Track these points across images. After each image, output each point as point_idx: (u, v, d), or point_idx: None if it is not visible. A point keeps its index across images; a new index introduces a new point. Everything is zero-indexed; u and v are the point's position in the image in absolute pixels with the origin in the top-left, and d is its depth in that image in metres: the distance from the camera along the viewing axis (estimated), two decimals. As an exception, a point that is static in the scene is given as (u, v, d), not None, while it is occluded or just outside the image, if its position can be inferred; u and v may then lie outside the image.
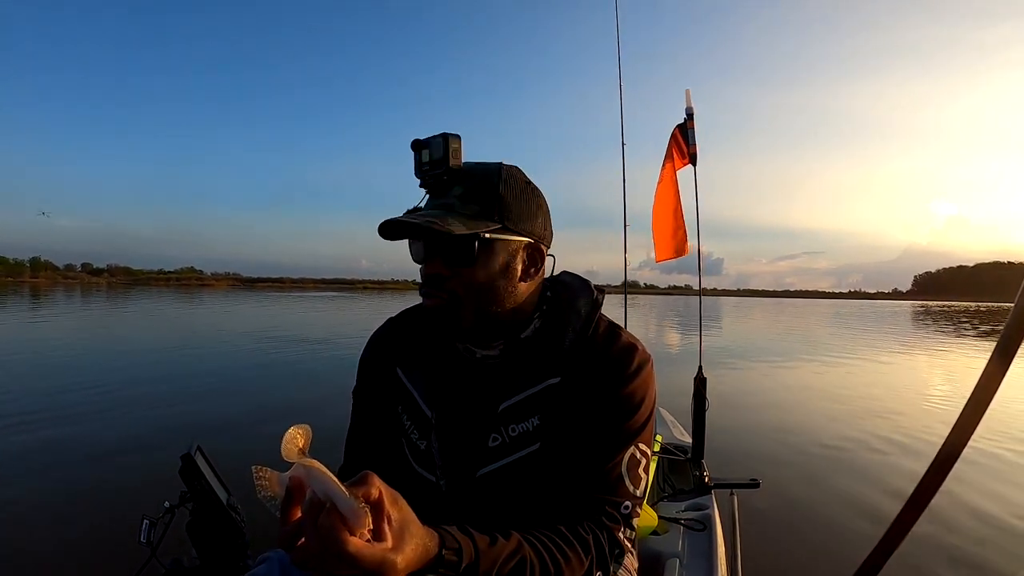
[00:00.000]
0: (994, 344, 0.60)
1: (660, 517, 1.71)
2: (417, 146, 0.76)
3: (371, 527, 0.48)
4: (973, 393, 0.61)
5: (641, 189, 3.14)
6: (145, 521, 1.28)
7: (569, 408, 0.79)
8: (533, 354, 0.82)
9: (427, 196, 0.79)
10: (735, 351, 11.91)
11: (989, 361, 0.60)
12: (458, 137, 0.74)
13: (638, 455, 0.78)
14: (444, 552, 0.55)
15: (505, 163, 0.81)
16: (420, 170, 0.77)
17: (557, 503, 0.75)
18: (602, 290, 0.89)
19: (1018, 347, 0.59)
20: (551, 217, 0.85)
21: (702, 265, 3.03)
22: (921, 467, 0.67)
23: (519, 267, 0.79)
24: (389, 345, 0.93)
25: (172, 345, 10.30)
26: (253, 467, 0.52)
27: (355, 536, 0.46)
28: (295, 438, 0.49)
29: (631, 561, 0.98)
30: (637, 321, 23.22)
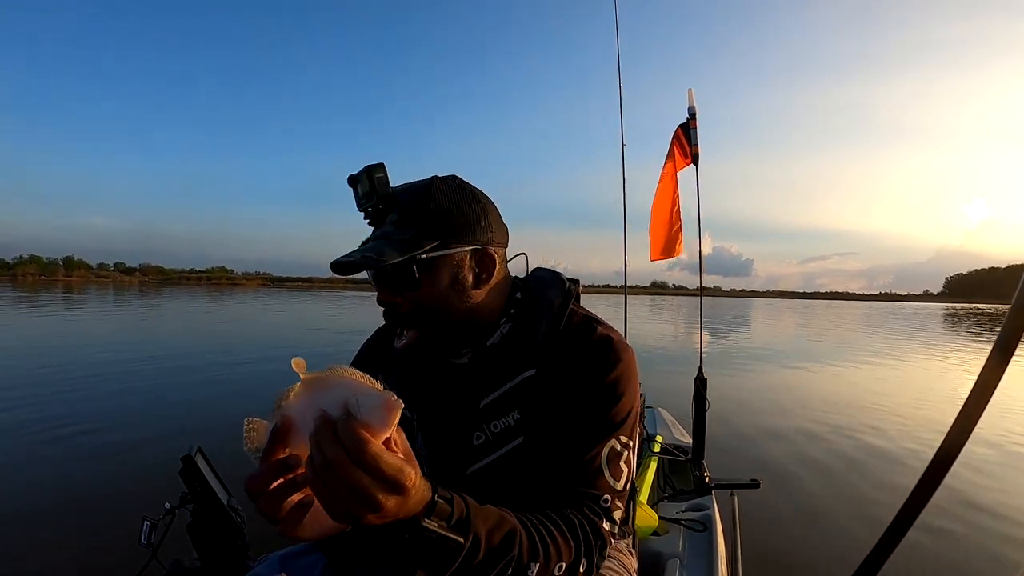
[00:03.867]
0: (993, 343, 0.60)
1: (660, 517, 1.71)
2: (352, 181, 0.77)
3: (393, 429, 0.47)
4: (972, 392, 0.61)
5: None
6: (146, 522, 1.28)
7: (547, 399, 0.79)
8: (507, 351, 0.82)
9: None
10: (743, 353, 11.92)
11: (988, 359, 0.60)
12: (381, 166, 0.75)
13: (619, 447, 0.76)
14: (437, 499, 0.54)
15: (438, 175, 0.81)
16: (358, 204, 0.78)
17: (538, 495, 0.74)
18: (576, 282, 0.89)
19: (1016, 345, 0.59)
20: (500, 216, 0.84)
21: (702, 265, 3.03)
22: (920, 466, 0.67)
23: (469, 277, 0.79)
24: (374, 352, 0.96)
25: (183, 343, 10.29)
26: (245, 420, 0.51)
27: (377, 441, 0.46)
28: (300, 363, 0.49)
29: (630, 561, 0.98)
30: (659, 319, 23.21)
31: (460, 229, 0.77)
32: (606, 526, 0.72)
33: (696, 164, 2.80)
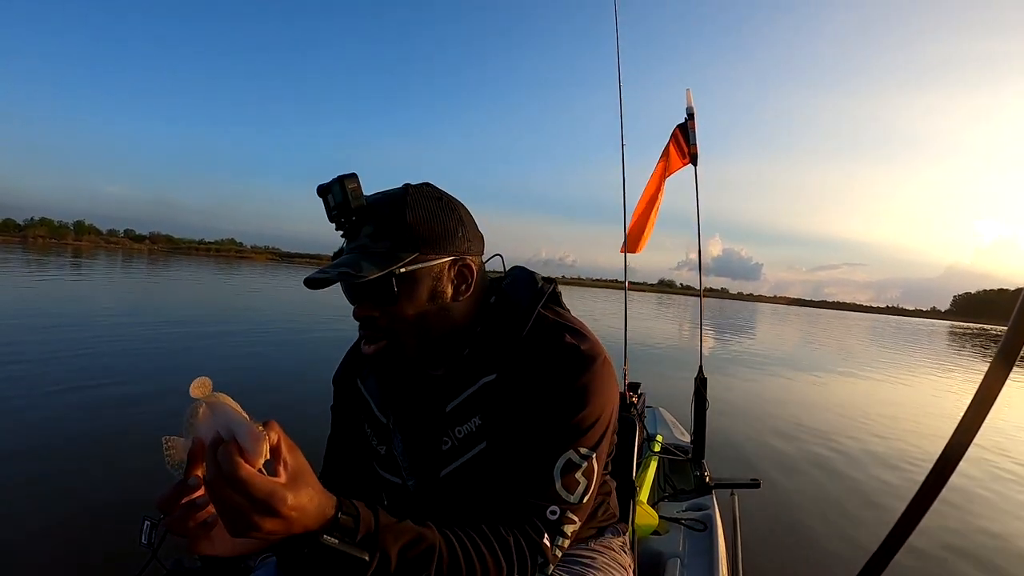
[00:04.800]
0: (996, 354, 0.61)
1: (661, 517, 1.71)
2: (322, 192, 0.74)
3: (267, 457, 0.50)
4: (975, 397, 0.61)
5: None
6: (146, 522, 1.28)
7: (507, 405, 0.77)
8: (473, 357, 0.81)
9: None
10: (747, 357, 11.93)
11: (991, 365, 0.60)
12: (354, 176, 0.72)
13: (576, 458, 0.73)
14: (340, 516, 0.55)
15: (411, 184, 0.79)
16: (329, 216, 0.75)
17: (492, 502, 0.72)
18: (552, 281, 0.87)
19: (1019, 352, 0.59)
20: (475, 223, 0.83)
21: (701, 264, 3.02)
22: (923, 470, 0.67)
23: (448, 289, 0.78)
24: (353, 360, 0.96)
25: (168, 322, 10.03)
26: (163, 438, 0.54)
27: (251, 466, 0.49)
28: (204, 382, 0.51)
29: (625, 559, 0.98)
30: (662, 319, 23.22)
31: (438, 240, 0.75)
32: (548, 541, 0.70)
33: (695, 164, 2.80)
